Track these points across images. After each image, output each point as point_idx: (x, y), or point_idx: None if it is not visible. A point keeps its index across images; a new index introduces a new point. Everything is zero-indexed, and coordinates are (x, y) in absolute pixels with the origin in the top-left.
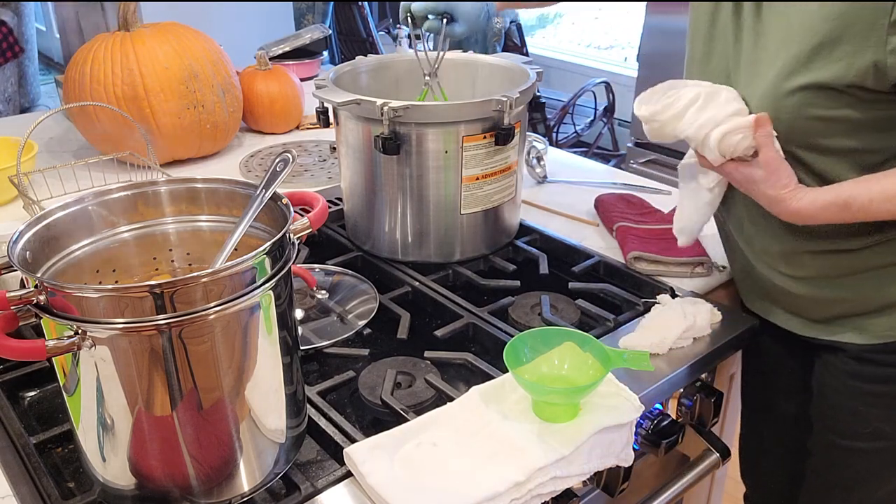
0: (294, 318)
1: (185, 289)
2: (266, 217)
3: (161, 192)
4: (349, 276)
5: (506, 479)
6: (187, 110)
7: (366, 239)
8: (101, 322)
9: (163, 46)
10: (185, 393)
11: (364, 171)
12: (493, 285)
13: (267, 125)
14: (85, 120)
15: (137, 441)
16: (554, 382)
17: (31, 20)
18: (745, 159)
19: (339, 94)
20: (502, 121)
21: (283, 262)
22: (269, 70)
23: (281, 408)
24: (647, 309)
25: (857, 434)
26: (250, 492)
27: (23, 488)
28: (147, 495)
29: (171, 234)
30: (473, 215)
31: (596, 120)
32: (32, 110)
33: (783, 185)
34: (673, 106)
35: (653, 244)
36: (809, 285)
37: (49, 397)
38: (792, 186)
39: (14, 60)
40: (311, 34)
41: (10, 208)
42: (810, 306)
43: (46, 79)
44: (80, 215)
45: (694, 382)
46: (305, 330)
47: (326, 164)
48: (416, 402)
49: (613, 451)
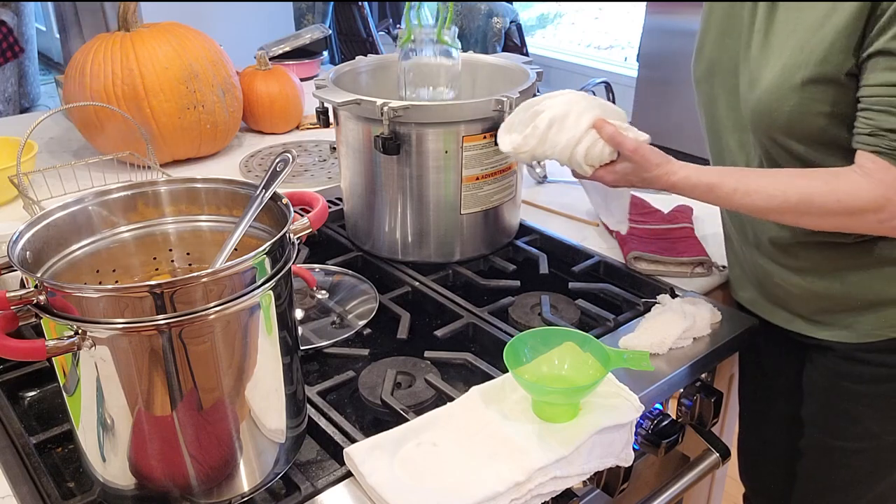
0: (294, 318)
1: (185, 289)
2: (266, 217)
3: (161, 192)
4: (349, 276)
5: (506, 479)
6: (187, 110)
7: (366, 239)
8: (101, 322)
9: (163, 46)
10: (185, 393)
11: (364, 171)
12: (493, 285)
13: (267, 125)
14: (85, 120)
15: (137, 441)
16: (554, 382)
17: (31, 20)
18: (612, 161)
19: (339, 94)
20: (502, 121)
21: (283, 262)
22: (269, 70)
23: (281, 408)
24: (647, 309)
25: (849, 434)
26: (250, 492)
27: (23, 488)
28: (147, 495)
29: (171, 234)
30: (473, 215)
31: None
32: (32, 110)
33: (655, 165)
34: (533, 135)
35: (653, 244)
36: (799, 276)
37: (49, 397)
38: (663, 164)
39: (14, 60)
40: (311, 34)
41: (10, 208)
42: (799, 300)
43: (46, 79)
44: (80, 215)
45: (694, 382)
46: (305, 330)
47: (326, 164)
48: (416, 402)
49: (613, 451)
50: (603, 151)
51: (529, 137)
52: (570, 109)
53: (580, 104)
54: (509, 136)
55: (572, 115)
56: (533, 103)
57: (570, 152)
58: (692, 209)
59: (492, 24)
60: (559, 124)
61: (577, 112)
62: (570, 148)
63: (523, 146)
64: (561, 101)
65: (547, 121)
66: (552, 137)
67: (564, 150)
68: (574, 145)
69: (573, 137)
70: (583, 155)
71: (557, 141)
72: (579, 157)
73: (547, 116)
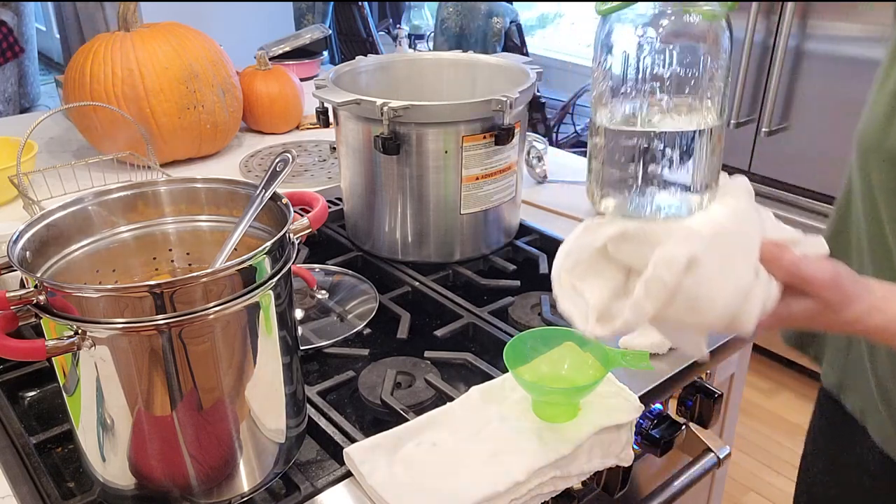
0: (294, 318)
1: (184, 289)
2: (266, 217)
3: (161, 192)
4: (349, 276)
5: (506, 479)
6: (187, 110)
7: (366, 239)
8: (101, 322)
9: (163, 46)
10: (185, 393)
11: (364, 171)
12: (493, 285)
13: (267, 125)
14: (85, 120)
15: (137, 441)
16: (554, 382)
17: (31, 20)
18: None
19: (339, 94)
20: (502, 121)
21: (283, 262)
22: (269, 70)
23: (281, 408)
24: None
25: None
26: (250, 492)
27: (23, 488)
28: (147, 495)
29: (171, 234)
30: (473, 215)
31: None
32: (32, 110)
33: (855, 298)
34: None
35: None
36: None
37: (49, 397)
38: (863, 295)
39: (14, 60)
40: (311, 34)
41: (10, 208)
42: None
43: (46, 79)
44: (79, 215)
45: (694, 382)
46: (305, 330)
47: (326, 164)
48: (416, 402)
49: (613, 451)
50: (778, 289)
51: (650, 297)
52: (727, 240)
53: (743, 226)
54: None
55: (731, 247)
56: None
57: (736, 311)
58: None
59: (492, 24)
60: (710, 268)
61: (737, 242)
62: (737, 306)
63: (640, 313)
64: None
65: (684, 264)
66: (696, 292)
67: (725, 310)
68: (742, 301)
69: (739, 289)
70: (757, 314)
71: (711, 297)
72: (751, 316)
73: (681, 255)
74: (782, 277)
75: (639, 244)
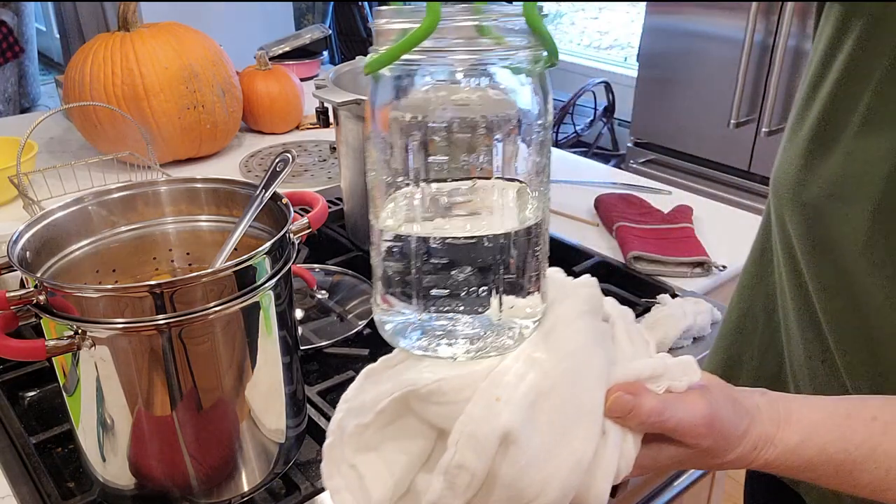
0: (294, 318)
1: (185, 289)
2: (266, 217)
3: (161, 192)
4: (349, 276)
5: None
6: (187, 110)
7: (366, 239)
8: (101, 322)
9: (163, 46)
10: (185, 393)
11: (364, 172)
12: None
13: (267, 125)
14: (85, 120)
15: (137, 441)
16: None
17: (31, 20)
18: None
19: (339, 94)
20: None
21: (283, 262)
22: (269, 70)
23: (281, 408)
24: (647, 309)
25: None
26: (250, 492)
27: (23, 488)
28: (147, 495)
29: (170, 234)
30: None
31: (596, 120)
32: (32, 110)
33: (737, 440)
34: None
35: (653, 244)
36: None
37: (49, 397)
38: (749, 434)
39: (14, 60)
40: (311, 34)
41: (10, 208)
42: None
43: (46, 79)
44: (79, 215)
45: None
46: (305, 330)
47: (326, 164)
48: None
49: None
50: (637, 444)
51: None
52: (557, 396)
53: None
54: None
55: (564, 405)
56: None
57: (580, 490)
58: (692, 209)
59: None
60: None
61: (572, 395)
62: (578, 483)
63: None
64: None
65: (495, 443)
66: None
67: (563, 491)
68: (584, 476)
69: (578, 463)
70: (608, 488)
71: (541, 480)
72: (601, 491)
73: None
74: (642, 431)
75: (438, 404)
